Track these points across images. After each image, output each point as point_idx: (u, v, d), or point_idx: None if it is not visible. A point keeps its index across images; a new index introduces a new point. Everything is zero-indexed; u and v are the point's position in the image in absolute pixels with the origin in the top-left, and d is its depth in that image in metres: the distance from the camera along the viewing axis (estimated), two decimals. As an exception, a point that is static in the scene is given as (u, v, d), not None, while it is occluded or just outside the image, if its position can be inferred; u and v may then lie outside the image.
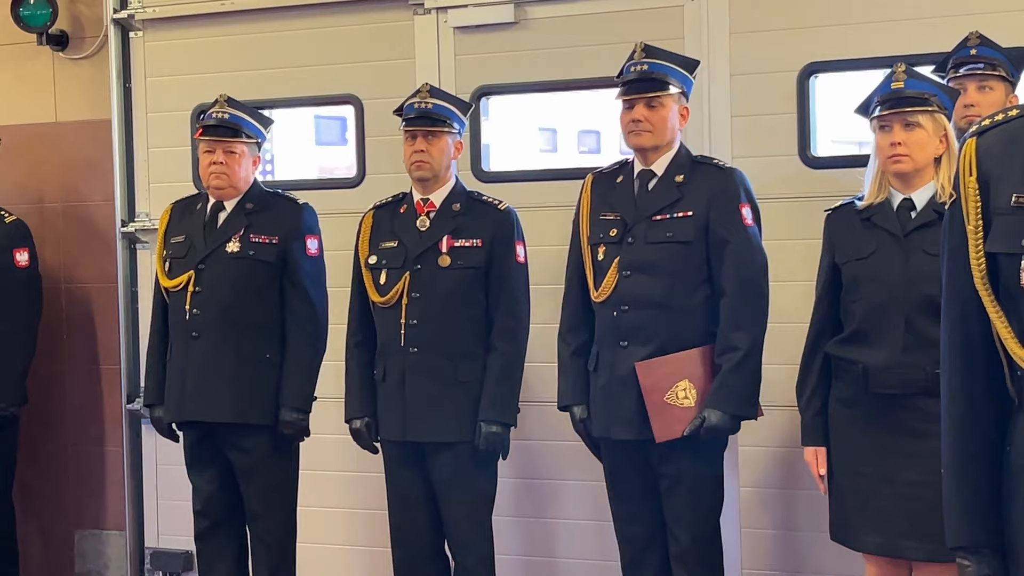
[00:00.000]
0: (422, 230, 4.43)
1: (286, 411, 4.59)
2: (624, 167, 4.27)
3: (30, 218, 5.74)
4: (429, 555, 4.48)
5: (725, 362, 4.02)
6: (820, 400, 3.91)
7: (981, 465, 2.24)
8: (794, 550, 4.80)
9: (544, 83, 5.17)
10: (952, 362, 2.26)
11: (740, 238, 4.07)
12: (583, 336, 4.25)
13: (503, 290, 4.39)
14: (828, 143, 5.00)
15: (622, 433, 4.12)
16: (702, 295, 4.09)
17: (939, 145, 3.74)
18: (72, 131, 5.94)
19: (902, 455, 3.69)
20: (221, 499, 4.70)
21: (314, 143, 8.74)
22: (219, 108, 4.67)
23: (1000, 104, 4.04)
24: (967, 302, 2.22)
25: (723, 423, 4.02)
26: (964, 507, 2.25)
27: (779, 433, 4.64)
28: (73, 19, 5.90)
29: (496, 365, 4.36)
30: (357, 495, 5.32)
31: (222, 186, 4.65)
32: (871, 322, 3.76)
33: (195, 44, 5.59)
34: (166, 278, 4.70)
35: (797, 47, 4.69)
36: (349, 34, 5.35)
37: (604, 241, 4.17)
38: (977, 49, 4.18)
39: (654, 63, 4.12)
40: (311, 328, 4.63)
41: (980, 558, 2.25)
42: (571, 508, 5.09)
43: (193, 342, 4.60)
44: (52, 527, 6.05)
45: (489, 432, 4.33)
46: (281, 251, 4.63)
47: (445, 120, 4.40)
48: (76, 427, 5.99)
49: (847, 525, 3.86)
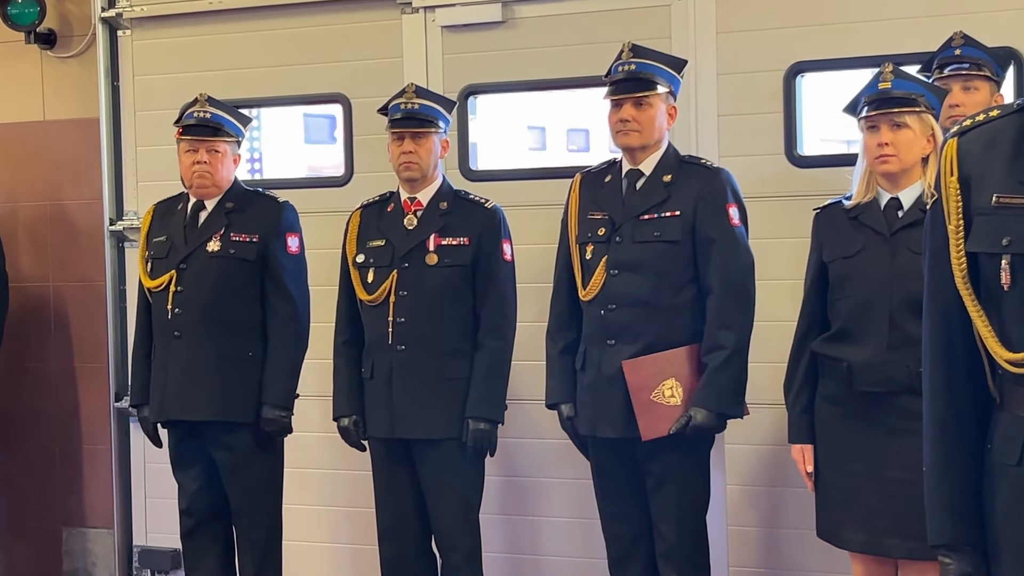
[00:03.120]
0: (409, 229, 4.43)
1: (268, 409, 4.59)
2: (612, 166, 4.28)
3: (16, 216, 5.73)
4: (416, 552, 4.48)
5: (711, 361, 4.03)
6: (807, 398, 3.92)
7: (962, 464, 2.25)
8: (780, 548, 4.81)
9: (532, 82, 5.17)
10: (933, 361, 2.27)
11: (727, 237, 4.07)
12: (571, 335, 4.26)
13: (490, 288, 4.40)
14: (815, 142, 5.01)
15: (609, 431, 4.13)
16: (689, 294, 4.10)
17: (926, 145, 3.75)
18: (60, 130, 5.92)
19: (887, 453, 3.70)
20: (206, 497, 4.69)
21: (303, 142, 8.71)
22: (200, 107, 4.66)
23: (985, 104, 4.05)
24: (948, 301, 2.23)
25: (709, 422, 4.04)
26: (945, 506, 2.27)
27: (766, 431, 4.66)
28: (61, 17, 5.89)
29: (484, 362, 4.37)
30: (343, 493, 5.32)
31: (206, 185, 4.65)
32: (856, 320, 3.77)
33: (183, 43, 5.58)
34: (148, 278, 4.69)
35: (783, 46, 4.70)
36: (337, 33, 5.34)
37: (592, 240, 4.18)
38: (962, 49, 4.19)
39: (642, 63, 4.13)
40: (293, 326, 4.63)
41: (962, 556, 2.26)
42: (557, 506, 5.10)
43: (175, 341, 4.60)
44: (40, 525, 6.04)
45: (477, 429, 4.34)
46: (262, 249, 4.62)
47: (432, 120, 4.41)
48: (64, 425, 5.97)
49: (833, 523, 3.87)
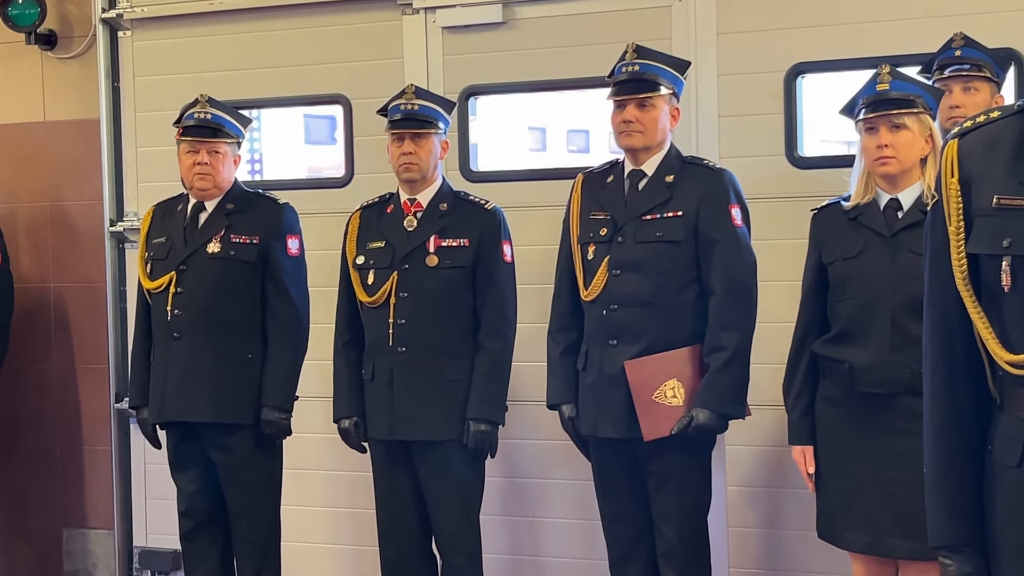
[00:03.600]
0: (409, 230, 4.43)
1: (268, 410, 4.58)
2: (615, 167, 4.28)
3: (17, 217, 5.72)
4: (417, 554, 4.48)
5: (713, 361, 4.03)
6: (807, 399, 3.92)
7: (963, 465, 2.25)
8: (781, 548, 4.81)
9: (532, 83, 5.17)
10: (934, 362, 2.27)
11: (729, 238, 4.07)
12: (572, 335, 4.26)
13: (490, 289, 4.39)
14: (816, 143, 5.01)
15: (610, 431, 4.13)
16: (691, 294, 4.10)
17: (925, 146, 3.75)
18: (60, 131, 5.92)
19: (888, 454, 3.70)
20: (205, 499, 4.69)
21: (303, 142, 8.72)
22: (200, 108, 4.65)
23: (986, 105, 4.05)
24: (949, 303, 2.23)
25: (711, 422, 4.03)
26: (946, 507, 2.26)
27: (766, 432, 4.65)
28: (61, 18, 5.89)
29: (484, 364, 4.37)
30: (342, 494, 5.32)
31: (206, 187, 4.64)
32: (858, 321, 3.76)
33: (184, 44, 5.58)
34: (148, 279, 4.68)
35: (784, 47, 4.70)
36: (337, 34, 5.34)
37: (594, 240, 4.18)
38: (962, 50, 4.19)
39: (646, 64, 4.13)
40: (292, 328, 4.62)
41: (962, 557, 2.26)
42: (558, 507, 5.09)
43: (175, 343, 4.59)
44: (40, 526, 6.04)
45: (477, 430, 4.33)
46: (262, 251, 4.61)
47: (431, 121, 4.40)
48: (64, 426, 5.97)
49: (834, 524, 3.87)
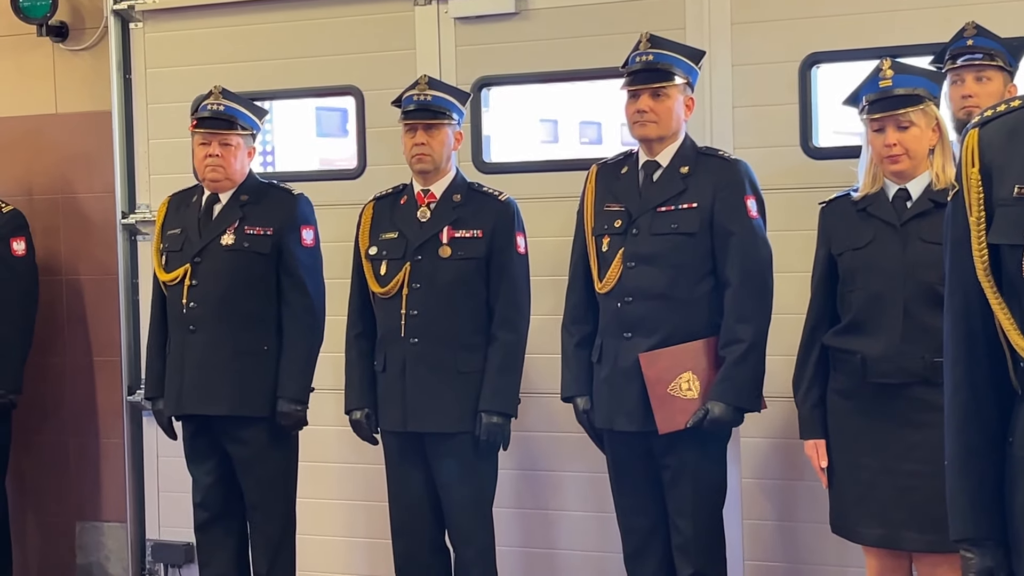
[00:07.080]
0: (423, 221, 4.42)
1: (284, 402, 4.58)
2: (629, 158, 4.26)
3: (30, 209, 5.73)
4: (430, 547, 4.47)
5: (729, 354, 4.02)
6: (818, 392, 3.90)
7: (984, 457, 2.23)
8: (796, 541, 4.80)
9: (545, 74, 5.16)
10: (955, 354, 2.25)
11: (745, 230, 4.05)
12: (587, 327, 4.24)
13: (504, 281, 4.38)
14: (830, 134, 4.99)
15: (625, 424, 4.11)
16: (706, 287, 4.08)
17: (932, 135, 3.73)
18: (72, 123, 5.92)
19: (901, 446, 3.68)
20: (220, 491, 4.69)
21: (315, 134, 8.73)
22: (214, 100, 4.64)
23: (999, 94, 4.03)
24: (969, 293, 2.21)
25: (727, 415, 4.02)
26: (967, 500, 2.25)
27: (781, 425, 4.63)
28: (73, 10, 5.88)
29: (497, 355, 4.35)
30: (356, 487, 5.32)
31: (218, 179, 4.63)
32: (869, 312, 3.74)
33: (195, 35, 5.58)
34: (163, 271, 4.68)
35: (799, 37, 4.68)
36: (350, 25, 5.33)
37: (608, 232, 4.16)
38: (974, 40, 4.15)
39: (660, 53, 4.10)
40: (308, 319, 4.62)
41: (983, 551, 2.24)
42: (572, 500, 5.08)
43: (191, 335, 4.59)
44: (53, 519, 6.04)
45: (490, 423, 4.32)
46: (276, 242, 4.60)
47: (445, 112, 4.39)
48: (77, 419, 5.97)
49: (847, 517, 3.86)
